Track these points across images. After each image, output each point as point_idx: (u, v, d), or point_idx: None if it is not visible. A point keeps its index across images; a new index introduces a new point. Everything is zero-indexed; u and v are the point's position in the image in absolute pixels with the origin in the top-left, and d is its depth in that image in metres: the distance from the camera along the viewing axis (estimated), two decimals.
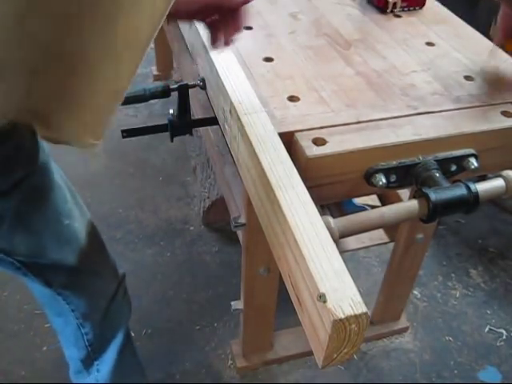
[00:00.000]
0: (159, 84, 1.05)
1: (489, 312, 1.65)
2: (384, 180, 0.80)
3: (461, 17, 1.19)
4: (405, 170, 0.81)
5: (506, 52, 1.01)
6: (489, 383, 1.47)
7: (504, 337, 1.58)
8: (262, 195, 0.72)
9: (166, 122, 1.07)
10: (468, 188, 0.75)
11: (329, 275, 0.56)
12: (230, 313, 1.32)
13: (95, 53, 0.54)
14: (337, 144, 0.79)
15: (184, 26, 1.17)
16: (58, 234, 0.88)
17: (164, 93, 1.04)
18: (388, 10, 1.19)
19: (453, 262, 1.79)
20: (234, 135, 0.84)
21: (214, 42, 0.85)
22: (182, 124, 1.07)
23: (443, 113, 0.87)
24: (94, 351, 1.08)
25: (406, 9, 1.20)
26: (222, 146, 1.34)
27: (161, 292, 1.65)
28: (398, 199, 1.34)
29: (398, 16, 1.19)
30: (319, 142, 0.79)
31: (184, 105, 1.05)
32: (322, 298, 0.54)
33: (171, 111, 1.07)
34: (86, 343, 1.06)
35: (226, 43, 0.83)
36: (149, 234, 1.83)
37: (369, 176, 0.80)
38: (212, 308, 1.61)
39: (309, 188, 0.67)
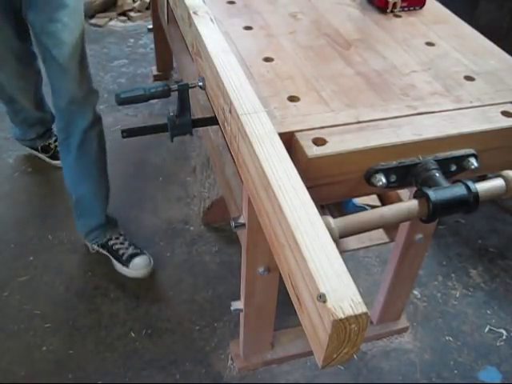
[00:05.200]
0: (159, 84, 1.05)
1: (489, 312, 1.65)
2: (384, 180, 0.80)
3: (461, 17, 1.19)
4: (405, 170, 0.81)
5: None
6: (489, 383, 1.47)
7: (504, 337, 1.58)
8: (262, 195, 0.72)
9: (166, 121, 1.07)
10: (468, 188, 0.75)
11: (329, 275, 0.56)
12: (229, 313, 1.32)
13: None
14: (337, 144, 0.79)
15: (184, 26, 1.17)
16: None
17: (164, 93, 1.04)
18: (388, 10, 1.19)
19: (453, 262, 1.79)
20: (234, 135, 0.84)
21: None
22: (182, 124, 1.07)
23: (443, 113, 0.87)
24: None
25: (405, 9, 1.20)
26: (222, 146, 1.34)
27: (161, 292, 1.65)
28: (398, 199, 1.34)
29: (398, 16, 1.19)
30: (319, 141, 0.79)
31: (184, 105, 1.05)
32: (321, 297, 0.54)
33: (171, 111, 1.07)
34: None
35: None
36: (149, 234, 1.83)
37: (369, 176, 0.80)
38: (212, 308, 1.61)
39: (309, 188, 0.67)
